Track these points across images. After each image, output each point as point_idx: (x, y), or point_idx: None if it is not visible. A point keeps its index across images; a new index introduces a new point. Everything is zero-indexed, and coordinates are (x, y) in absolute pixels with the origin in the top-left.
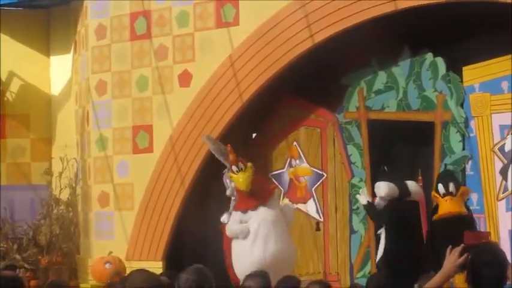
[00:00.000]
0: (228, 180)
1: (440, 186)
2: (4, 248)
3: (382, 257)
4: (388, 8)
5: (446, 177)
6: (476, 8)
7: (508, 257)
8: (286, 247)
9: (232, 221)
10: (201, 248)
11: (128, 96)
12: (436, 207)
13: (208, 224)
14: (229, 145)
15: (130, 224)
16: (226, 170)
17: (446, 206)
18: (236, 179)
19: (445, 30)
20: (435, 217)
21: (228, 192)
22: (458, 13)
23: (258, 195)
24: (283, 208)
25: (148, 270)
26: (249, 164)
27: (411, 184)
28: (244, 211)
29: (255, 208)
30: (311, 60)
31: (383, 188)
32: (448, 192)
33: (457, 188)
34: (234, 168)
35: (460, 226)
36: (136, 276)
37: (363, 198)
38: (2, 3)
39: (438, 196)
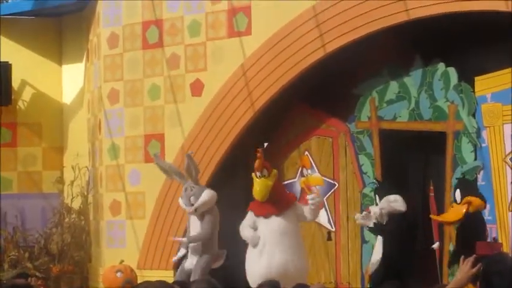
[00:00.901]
0: (188, 199)
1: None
2: (15, 256)
3: (383, 268)
4: (400, 18)
5: (458, 185)
6: (488, 18)
7: None
8: (293, 260)
9: (245, 224)
10: None
11: (140, 105)
12: None
13: (219, 233)
14: (259, 149)
15: (142, 232)
16: (186, 187)
17: (442, 216)
18: (254, 186)
19: (456, 40)
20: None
21: (189, 211)
22: (470, 23)
23: (275, 204)
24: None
25: (162, 280)
26: (274, 172)
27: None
28: (257, 216)
29: (267, 216)
30: (323, 70)
31: (402, 203)
32: (454, 200)
33: (465, 196)
34: (257, 173)
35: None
36: (149, 284)
37: (369, 222)
38: (14, 11)
39: None
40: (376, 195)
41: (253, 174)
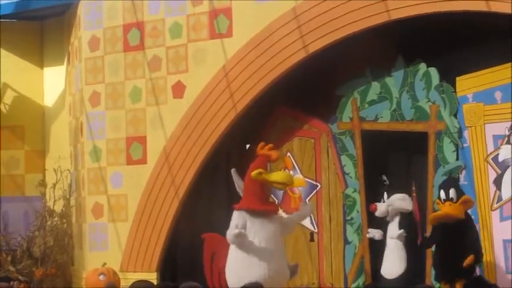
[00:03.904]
0: None
1: (442, 193)
2: None
3: (407, 270)
4: (381, 19)
5: (449, 183)
6: (469, 18)
7: (503, 267)
8: (285, 263)
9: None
10: (195, 258)
11: (121, 108)
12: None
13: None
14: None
15: (125, 235)
16: None
17: (446, 209)
18: (283, 175)
19: (438, 40)
20: (432, 216)
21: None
22: (451, 23)
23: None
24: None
25: (147, 281)
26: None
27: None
28: (257, 214)
29: (269, 215)
30: (305, 71)
31: (410, 202)
32: (448, 198)
33: (459, 195)
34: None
35: (458, 229)
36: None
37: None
38: None
39: (440, 202)
40: (385, 193)
41: (260, 171)
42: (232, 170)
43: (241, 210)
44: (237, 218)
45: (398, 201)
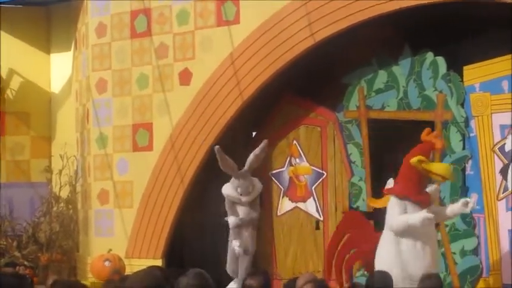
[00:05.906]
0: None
1: None
2: (4, 245)
3: None
4: (389, 7)
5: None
6: (476, 7)
7: (508, 257)
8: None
9: (395, 212)
10: (201, 245)
11: (128, 94)
12: None
13: (208, 222)
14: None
15: (130, 221)
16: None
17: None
18: (444, 167)
19: (445, 29)
20: None
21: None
22: (459, 12)
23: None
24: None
25: (152, 270)
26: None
27: None
28: (415, 202)
29: (424, 205)
30: (311, 59)
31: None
32: None
33: None
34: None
35: None
36: (136, 274)
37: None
38: (2, 0)
39: None
40: None
41: (421, 158)
42: (216, 147)
43: (399, 197)
44: (397, 204)
45: None
